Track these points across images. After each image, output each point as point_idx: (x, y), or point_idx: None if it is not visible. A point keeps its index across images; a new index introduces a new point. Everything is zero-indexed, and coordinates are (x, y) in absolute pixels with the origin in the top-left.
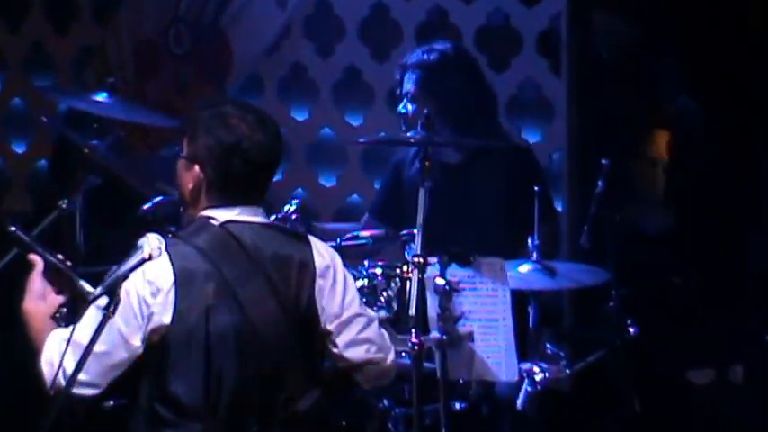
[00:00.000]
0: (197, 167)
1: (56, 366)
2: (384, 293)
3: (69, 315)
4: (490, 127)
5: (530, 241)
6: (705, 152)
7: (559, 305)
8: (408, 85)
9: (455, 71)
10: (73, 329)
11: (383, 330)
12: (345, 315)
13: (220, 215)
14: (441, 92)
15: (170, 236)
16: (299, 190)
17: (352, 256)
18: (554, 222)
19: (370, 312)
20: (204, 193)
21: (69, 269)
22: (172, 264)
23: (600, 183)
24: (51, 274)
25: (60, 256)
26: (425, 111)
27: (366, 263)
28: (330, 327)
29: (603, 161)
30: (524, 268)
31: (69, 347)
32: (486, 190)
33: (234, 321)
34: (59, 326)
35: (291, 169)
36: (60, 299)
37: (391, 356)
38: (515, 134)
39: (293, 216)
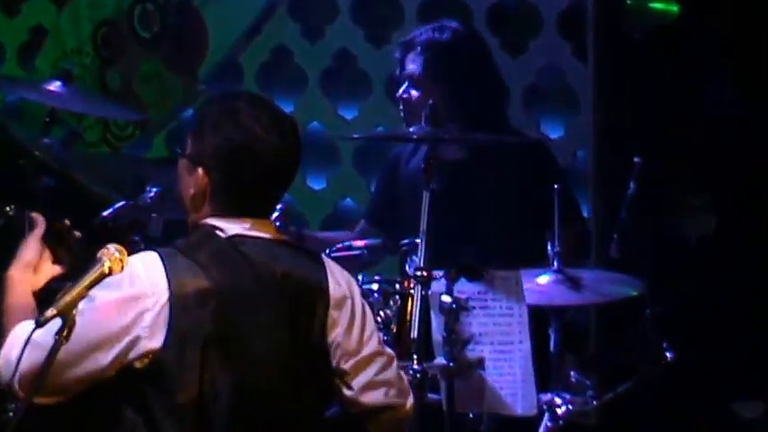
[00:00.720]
0: (201, 170)
1: (12, 367)
2: (381, 313)
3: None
4: (501, 122)
5: (550, 248)
6: (751, 148)
7: (585, 325)
8: (413, 67)
9: (468, 55)
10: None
11: (402, 372)
12: (363, 353)
13: (229, 227)
14: (451, 78)
15: (165, 245)
16: None
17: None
18: (580, 224)
19: (389, 350)
20: (209, 199)
21: (76, 238)
22: (168, 278)
23: (631, 184)
24: (54, 240)
25: (68, 222)
26: (430, 102)
27: (360, 278)
28: (345, 366)
29: (636, 159)
30: (544, 279)
31: (29, 348)
32: (496, 191)
33: (234, 356)
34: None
35: None
36: (57, 270)
37: (410, 401)
38: (533, 128)
39: (276, 224)
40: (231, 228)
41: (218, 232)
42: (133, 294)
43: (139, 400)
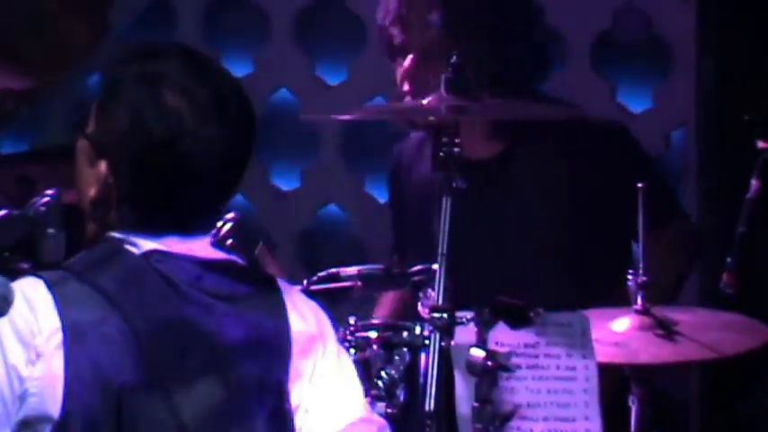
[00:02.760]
0: (104, 165)
1: None
2: (383, 373)
3: None
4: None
5: (630, 278)
6: None
7: (684, 391)
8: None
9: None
10: None
11: None
12: (341, 418)
13: (143, 241)
14: (478, 36)
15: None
16: (239, 197)
17: (327, 309)
18: (681, 222)
19: (378, 417)
20: (116, 206)
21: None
22: (59, 312)
23: (753, 182)
24: None
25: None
26: (453, 59)
27: (352, 321)
28: None
29: (760, 143)
30: (622, 324)
31: None
32: (552, 199)
33: (159, 421)
34: None
35: None
36: None
37: None
38: (607, 96)
39: (228, 242)
40: (147, 242)
41: (128, 247)
42: (17, 338)
43: None
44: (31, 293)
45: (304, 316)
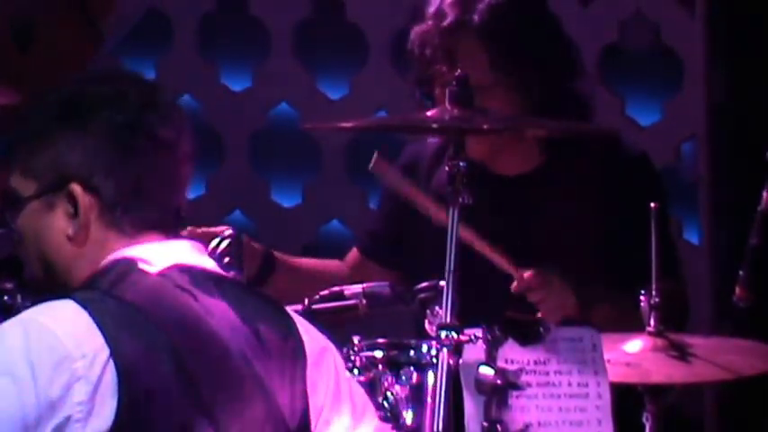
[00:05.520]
0: (78, 188)
1: None
2: (388, 394)
3: None
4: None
5: (643, 299)
6: None
7: (698, 412)
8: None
9: (533, 21)
10: None
11: None
12: (359, 425)
13: (155, 255)
14: (507, 62)
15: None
16: (237, 212)
17: (330, 328)
18: (674, 284)
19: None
20: (103, 220)
21: None
22: (100, 329)
23: (765, 193)
24: None
25: None
26: (458, 72)
27: (356, 340)
28: None
29: None
30: (635, 346)
31: None
32: (570, 218)
33: None
34: None
35: (222, 175)
36: None
37: None
38: (615, 109)
39: (225, 260)
40: (160, 257)
41: (141, 266)
42: (51, 362)
43: None
44: (63, 314)
45: (310, 331)
